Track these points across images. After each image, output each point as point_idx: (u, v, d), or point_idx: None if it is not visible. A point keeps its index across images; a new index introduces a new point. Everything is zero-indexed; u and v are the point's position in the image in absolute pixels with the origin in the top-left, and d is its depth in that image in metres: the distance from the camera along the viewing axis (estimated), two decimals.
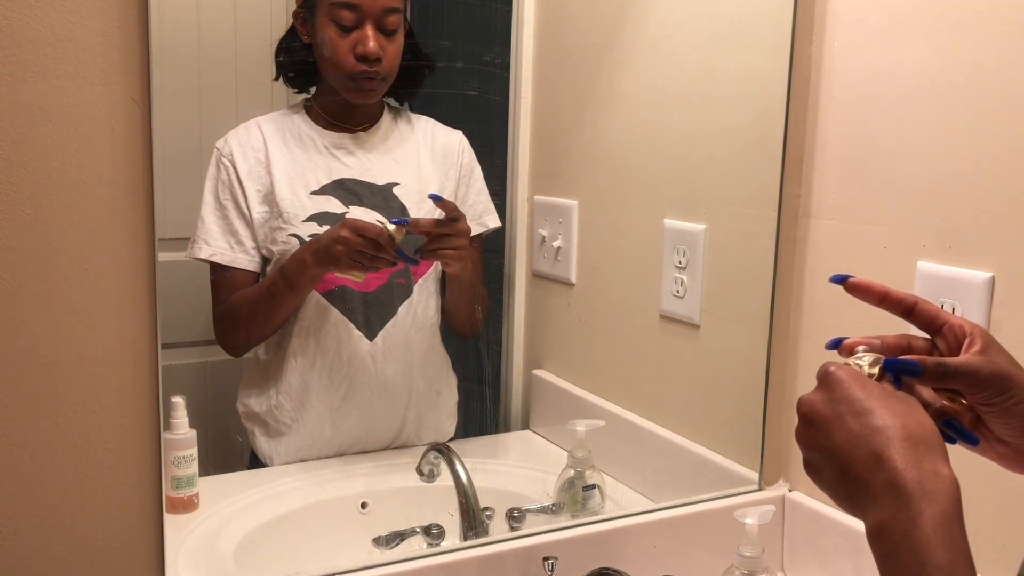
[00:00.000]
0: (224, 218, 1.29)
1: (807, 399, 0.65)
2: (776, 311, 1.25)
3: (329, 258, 1.27)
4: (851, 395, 0.62)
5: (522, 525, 1.25)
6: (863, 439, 0.60)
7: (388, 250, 1.25)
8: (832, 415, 0.63)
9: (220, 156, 1.29)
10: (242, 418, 1.35)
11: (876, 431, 0.60)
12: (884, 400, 0.62)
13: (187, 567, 1.06)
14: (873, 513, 0.59)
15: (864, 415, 0.61)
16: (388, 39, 1.29)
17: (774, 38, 1.20)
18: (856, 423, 0.61)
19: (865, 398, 0.62)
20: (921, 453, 0.59)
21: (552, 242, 1.54)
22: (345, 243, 1.24)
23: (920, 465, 0.58)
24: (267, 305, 1.31)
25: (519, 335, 1.60)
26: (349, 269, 1.29)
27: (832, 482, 0.63)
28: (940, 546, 0.55)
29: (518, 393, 1.60)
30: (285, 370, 1.33)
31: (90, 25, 0.84)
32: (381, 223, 1.26)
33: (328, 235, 1.27)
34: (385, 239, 1.24)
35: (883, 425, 0.60)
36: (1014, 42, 0.96)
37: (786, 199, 1.22)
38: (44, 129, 0.84)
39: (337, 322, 1.33)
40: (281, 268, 1.29)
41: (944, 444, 0.61)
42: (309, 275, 1.29)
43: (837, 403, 0.63)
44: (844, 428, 0.61)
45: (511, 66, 1.53)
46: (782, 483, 1.27)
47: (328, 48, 1.28)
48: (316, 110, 1.35)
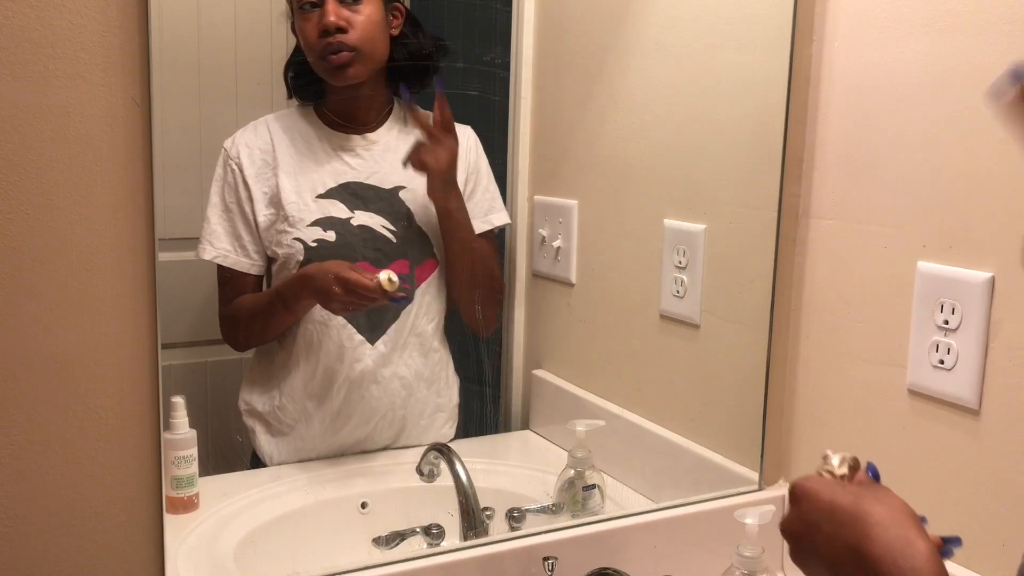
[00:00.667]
0: (229, 220, 1.29)
1: (785, 521, 0.69)
2: (776, 311, 1.25)
3: (323, 301, 1.29)
4: (820, 503, 0.66)
5: (522, 525, 1.25)
6: (839, 539, 0.64)
7: (380, 301, 1.26)
8: (808, 526, 0.67)
9: (227, 157, 1.29)
10: (244, 416, 1.35)
11: (847, 525, 0.63)
12: (852, 497, 0.65)
13: (187, 567, 1.06)
14: None
15: (832, 514, 0.65)
16: (352, 9, 1.28)
17: (774, 38, 1.20)
18: (829, 527, 0.65)
19: (830, 496, 0.66)
20: (892, 534, 0.61)
21: (552, 242, 1.53)
22: (337, 298, 1.26)
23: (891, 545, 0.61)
24: (264, 319, 1.32)
25: (519, 335, 1.60)
26: (340, 313, 1.31)
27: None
28: None
29: (518, 393, 1.60)
30: (288, 372, 1.33)
31: (90, 25, 0.84)
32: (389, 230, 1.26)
33: (321, 283, 1.27)
34: (378, 294, 1.24)
35: (851, 517, 0.63)
36: (1013, 42, 0.95)
37: (786, 199, 1.22)
38: (44, 129, 0.84)
39: (340, 326, 1.33)
40: (277, 290, 1.30)
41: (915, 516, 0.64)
42: (304, 305, 1.31)
43: (809, 514, 0.67)
44: (821, 535, 0.65)
45: (511, 66, 1.53)
46: (782, 483, 1.27)
47: (301, 36, 1.28)
48: (323, 110, 1.35)
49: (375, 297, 1.25)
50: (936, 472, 1.05)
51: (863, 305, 1.14)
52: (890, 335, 1.10)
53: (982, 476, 1.00)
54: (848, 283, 1.16)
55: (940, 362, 1.03)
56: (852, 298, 1.16)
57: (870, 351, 1.13)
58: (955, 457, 1.03)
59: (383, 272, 1.25)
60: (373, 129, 1.36)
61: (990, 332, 0.99)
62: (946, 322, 1.02)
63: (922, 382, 1.06)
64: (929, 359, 1.04)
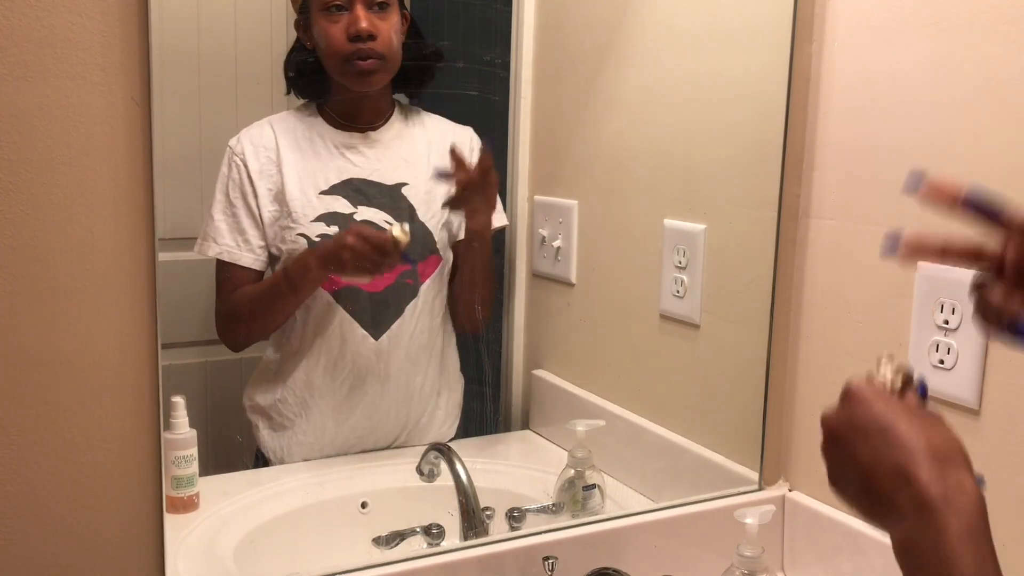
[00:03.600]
0: (233, 216, 1.29)
1: (829, 417, 0.66)
2: (776, 311, 1.25)
3: (334, 263, 1.28)
4: (873, 410, 0.63)
5: (522, 525, 1.25)
6: (886, 455, 0.61)
7: (394, 255, 1.26)
8: (855, 432, 0.63)
9: (232, 154, 1.30)
10: (247, 411, 1.35)
11: (899, 447, 0.60)
12: (907, 416, 0.62)
13: (187, 567, 1.06)
14: (899, 528, 0.59)
15: (887, 431, 0.61)
16: (380, 17, 1.29)
17: (774, 38, 1.20)
18: (880, 439, 0.61)
19: (887, 412, 0.62)
20: (946, 467, 0.59)
21: (552, 242, 1.54)
22: (351, 250, 1.25)
23: (945, 479, 0.58)
24: (268, 304, 1.32)
25: (519, 335, 1.60)
26: (354, 274, 1.30)
27: (857, 497, 0.64)
28: (967, 557, 0.56)
29: (518, 393, 1.60)
30: (293, 368, 1.33)
31: (90, 25, 0.84)
32: (389, 223, 1.26)
33: (334, 241, 1.28)
34: (390, 245, 1.25)
35: (906, 440, 0.60)
36: (1014, 42, 0.95)
37: (786, 199, 1.22)
38: (44, 129, 0.84)
39: (343, 321, 1.33)
40: (284, 269, 1.30)
41: (968, 457, 0.61)
42: (312, 278, 1.30)
43: (859, 419, 0.63)
44: (868, 445, 0.62)
45: (511, 66, 1.53)
46: (782, 483, 1.27)
47: (324, 39, 1.28)
48: (327, 110, 1.35)
49: (388, 250, 1.25)
50: None
51: (863, 305, 1.14)
52: (890, 335, 1.10)
53: None
54: (848, 283, 1.16)
55: (940, 362, 1.03)
56: (852, 298, 1.16)
57: (870, 351, 1.13)
58: None
59: (394, 225, 1.26)
60: (377, 127, 1.37)
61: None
62: (946, 322, 1.02)
63: None
64: (929, 359, 1.04)
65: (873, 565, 1.12)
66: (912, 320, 1.06)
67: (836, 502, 1.19)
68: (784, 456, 1.27)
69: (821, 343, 1.21)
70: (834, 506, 1.19)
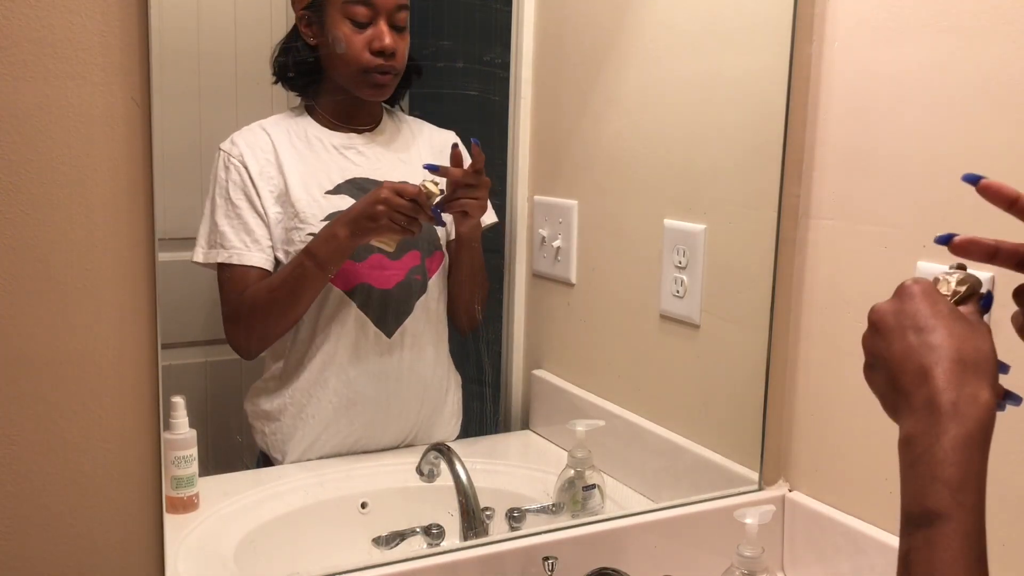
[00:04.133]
0: (237, 218, 1.27)
1: (878, 307, 0.68)
2: (776, 311, 1.25)
3: (367, 222, 1.27)
4: (918, 310, 0.64)
5: (522, 525, 1.25)
6: (916, 354, 0.62)
7: (426, 209, 1.27)
8: (896, 326, 0.65)
9: (229, 158, 1.28)
10: (250, 417, 1.34)
11: (931, 348, 0.62)
12: (948, 320, 0.64)
13: (187, 567, 1.06)
14: (908, 423, 0.61)
15: (924, 331, 0.63)
16: (399, 35, 1.30)
17: (774, 38, 1.20)
18: (915, 338, 0.63)
19: (931, 315, 0.64)
20: (967, 376, 0.61)
21: (552, 242, 1.53)
22: (386, 203, 1.25)
23: (961, 387, 0.60)
24: (292, 290, 1.29)
25: (519, 335, 1.60)
26: (386, 232, 1.28)
27: (883, 388, 0.66)
28: (954, 464, 0.58)
29: (518, 393, 1.60)
30: (303, 367, 1.32)
31: (90, 25, 0.84)
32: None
33: (366, 199, 1.27)
34: (423, 197, 1.26)
35: (938, 343, 0.62)
36: (1014, 42, 0.96)
37: (786, 199, 1.22)
38: (44, 129, 0.84)
39: (356, 318, 1.33)
40: (306, 249, 1.27)
41: (996, 372, 0.63)
42: (340, 248, 1.28)
43: (903, 315, 0.65)
44: (904, 340, 0.64)
45: (511, 66, 1.53)
46: (782, 483, 1.27)
47: (342, 45, 1.28)
48: (320, 112, 1.35)
49: (420, 202, 1.26)
50: None
51: (863, 305, 1.14)
52: None
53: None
54: (848, 283, 1.16)
55: None
56: (852, 298, 1.16)
57: None
58: None
59: (424, 180, 1.27)
60: (371, 128, 1.37)
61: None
62: None
63: None
64: None
65: (873, 565, 1.12)
66: None
67: (836, 502, 1.19)
68: (784, 456, 1.27)
69: (821, 343, 1.21)
70: (834, 506, 1.19)
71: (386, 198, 1.25)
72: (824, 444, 1.21)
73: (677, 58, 1.34)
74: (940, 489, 0.57)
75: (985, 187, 0.70)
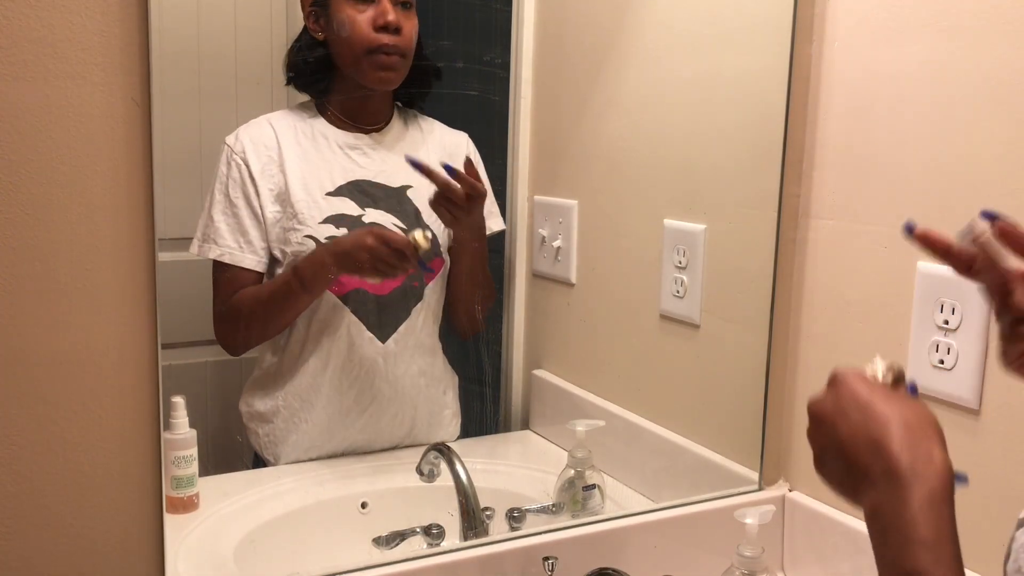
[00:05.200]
0: (234, 216, 1.27)
1: (814, 398, 0.69)
2: (776, 311, 1.25)
3: (351, 263, 1.28)
4: (855, 391, 0.66)
5: (522, 525, 1.25)
6: (864, 429, 0.64)
7: (412, 261, 1.26)
8: (836, 411, 0.66)
9: (232, 153, 1.28)
10: (244, 418, 1.34)
11: (876, 421, 0.63)
12: (884, 394, 0.66)
13: (187, 567, 1.06)
14: (870, 497, 0.62)
15: (866, 408, 0.64)
16: (405, 13, 1.29)
17: (774, 38, 1.20)
18: (858, 415, 0.65)
19: (869, 393, 0.66)
20: (917, 438, 0.62)
21: (552, 242, 1.53)
22: (371, 251, 1.25)
23: (915, 449, 0.61)
24: (278, 305, 1.30)
25: (519, 335, 1.60)
26: (370, 276, 1.30)
27: (838, 475, 0.66)
28: (926, 524, 0.58)
29: (518, 393, 1.60)
30: (295, 371, 1.32)
31: (90, 25, 0.84)
32: (400, 228, 1.26)
33: (353, 241, 1.27)
34: (410, 250, 1.25)
35: (882, 414, 0.63)
36: (1014, 41, 0.96)
37: (786, 199, 1.22)
38: (44, 129, 0.84)
39: (350, 324, 1.32)
40: (295, 268, 1.28)
41: (941, 431, 0.64)
42: (325, 276, 1.29)
43: (841, 399, 0.67)
44: (847, 421, 0.65)
45: (511, 66, 1.53)
46: (782, 483, 1.27)
47: (347, 27, 1.27)
48: (330, 109, 1.34)
49: (407, 254, 1.25)
50: None
51: (863, 305, 1.14)
52: (890, 335, 1.10)
53: (982, 476, 1.00)
54: (848, 283, 1.16)
55: (940, 362, 1.03)
56: (852, 298, 1.16)
57: (870, 351, 1.12)
58: (955, 457, 1.03)
59: (416, 230, 1.27)
60: (379, 128, 1.36)
61: (990, 332, 0.99)
62: (946, 322, 1.02)
63: (922, 382, 1.05)
64: (929, 359, 1.04)
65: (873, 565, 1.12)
66: (912, 320, 1.07)
67: (836, 502, 1.19)
68: (784, 456, 1.27)
69: (821, 343, 1.21)
70: (834, 506, 1.19)
71: (371, 246, 1.25)
72: None
73: (677, 58, 1.34)
74: (917, 550, 0.58)
75: (920, 236, 0.72)
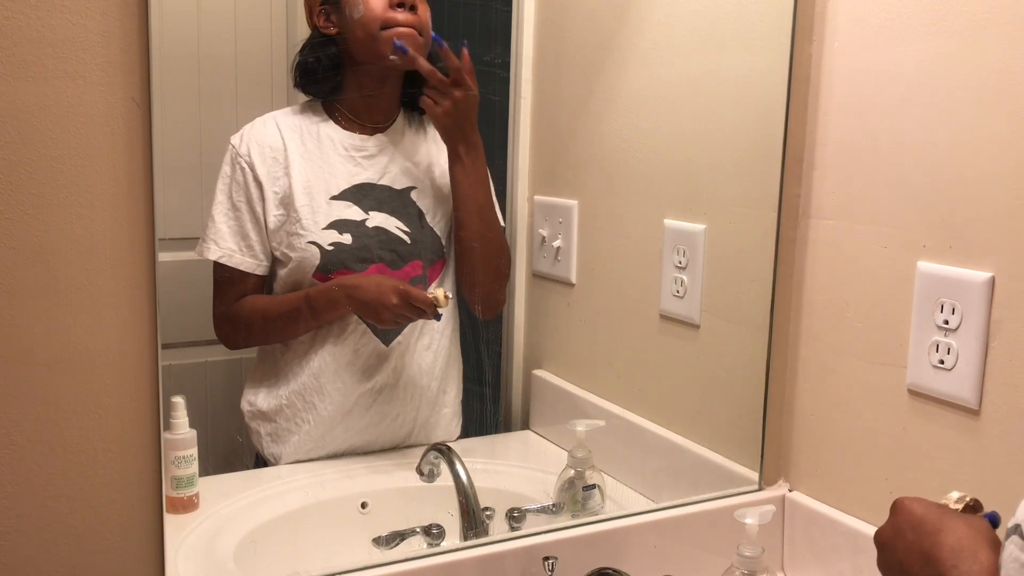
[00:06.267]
0: (236, 219, 1.27)
1: (879, 529, 0.74)
2: (776, 311, 1.25)
3: (368, 313, 1.30)
4: (912, 513, 0.71)
5: (522, 525, 1.25)
6: (917, 547, 0.68)
7: (431, 316, 1.28)
8: (895, 534, 0.72)
9: (237, 155, 1.27)
10: (246, 417, 1.34)
11: (927, 535, 0.68)
12: (940, 511, 0.70)
13: (187, 567, 1.06)
14: None
15: (920, 527, 0.69)
16: None
17: (774, 38, 1.20)
18: (913, 534, 0.70)
19: (922, 511, 0.70)
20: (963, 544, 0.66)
21: (552, 242, 1.54)
22: (392, 310, 1.27)
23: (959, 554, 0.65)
24: (284, 324, 1.32)
25: (519, 335, 1.60)
26: (385, 326, 1.32)
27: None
28: None
29: (518, 393, 1.60)
30: (298, 371, 1.32)
31: (90, 25, 0.84)
32: (403, 230, 1.28)
33: (376, 296, 1.28)
34: (430, 308, 1.27)
35: (933, 529, 0.68)
36: (1014, 42, 0.95)
37: (786, 199, 1.22)
38: (44, 129, 0.84)
39: (354, 327, 1.32)
40: (308, 297, 1.29)
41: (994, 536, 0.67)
42: (338, 313, 1.31)
43: (899, 523, 0.72)
44: (904, 541, 0.70)
45: (511, 66, 1.53)
46: (782, 483, 1.27)
47: (360, 7, 1.26)
48: (337, 109, 1.33)
49: (427, 312, 1.28)
50: (936, 472, 1.05)
51: (863, 305, 1.14)
52: (890, 335, 1.10)
53: (982, 476, 1.00)
54: (848, 283, 1.16)
55: (940, 362, 1.03)
56: (852, 298, 1.16)
57: (870, 351, 1.13)
58: (955, 457, 1.03)
59: (438, 288, 1.30)
60: (384, 129, 1.36)
61: (990, 332, 0.99)
62: (946, 322, 1.02)
63: (922, 382, 1.06)
64: (929, 359, 1.04)
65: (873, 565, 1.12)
66: (912, 320, 1.07)
67: (836, 502, 1.19)
68: (784, 456, 1.27)
69: (821, 343, 1.21)
70: (834, 506, 1.19)
71: (394, 305, 1.27)
72: (824, 444, 1.21)
73: (677, 58, 1.34)
74: None
75: None
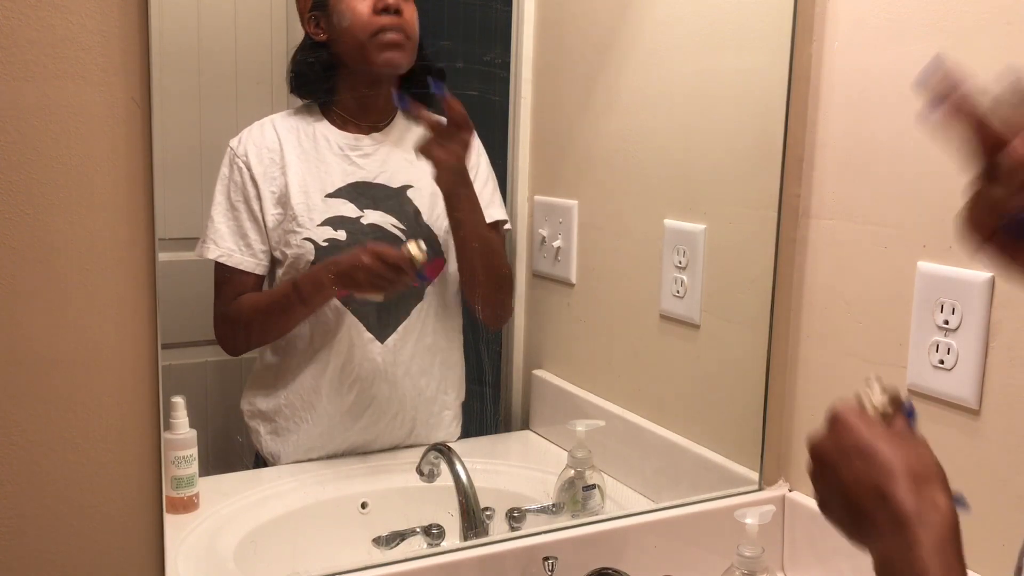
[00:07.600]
0: (235, 219, 1.28)
1: (816, 443, 0.71)
2: (776, 311, 1.25)
3: (350, 282, 1.29)
4: (858, 437, 0.67)
5: (522, 525, 1.25)
6: (867, 477, 0.65)
7: (410, 273, 1.27)
8: (840, 456, 0.68)
9: (234, 156, 1.28)
10: (246, 416, 1.35)
11: (879, 468, 0.65)
12: (888, 439, 0.66)
13: (187, 567, 1.06)
14: (879, 547, 0.64)
15: (869, 454, 0.66)
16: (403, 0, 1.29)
17: (774, 38, 1.20)
18: (862, 463, 0.66)
19: (870, 437, 0.67)
20: (921, 485, 0.63)
21: (552, 242, 1.54)
22: (367, 270, 1.26)
23: (919, 497, 0.63)
24: (277, 315, 1.32)
25: (519, 335, 1.60)
26: (370, 293, 1.30)
27: (842, 518, 0.68)
28: (938, 569, 0.59)
29: (518, 393, 1.60)
30: (297, 371, 1.33)
31: (90, 25, 0.84)
32: (399, 228, 1.26)
33: (349, 260, 1.28)
34: (406, 263, 1.26)
35: (886, 462, 0.65)
36: (1013, 42, 0.96)
37: (786, 199, 1.22)
38: (44, 129, 0.84)
39: (350, 325, 1.33)
40: (295, 283, 1.29)
41: (945, 477, 0.65)
42: (325, 294, 1.30)
43: (844, 444, 0.68)
44: (851, 468, 0.66)
45: (511, 66, 1.53)
46: (782, 483, 1.27)
47: (347, 16, 1.27)
48: (333, 110, 1.34)
49: (403, 268, 1.26)
50: None
51: (863, 305, 1.14)
52: (890, 335, 1.10)
53: (982, 476, 1.00)
54: (848, 283, 1.16)
55: (940, 362, 1.03)
56: (852, 298, 1.16)
57: (870, 351, 1.13)
58: (955, 457, 1.03)
59: (410, 242, 1.27)
60: (380, 128, 1.36)
61: (990, 332, 0.99)
62: (946, 322, 1.02)
63: (922, 382, 1.06)
64: (929, 359, 1.04)
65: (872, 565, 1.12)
66: (912, 320, 1.07)
67: None
68: (784, 456, 1.27)
69: (821, 343, 1.21)
70: None
71: (367, 265, 1.26)
72: None
73: (677, 58, 1.34)
74: None
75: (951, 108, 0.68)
